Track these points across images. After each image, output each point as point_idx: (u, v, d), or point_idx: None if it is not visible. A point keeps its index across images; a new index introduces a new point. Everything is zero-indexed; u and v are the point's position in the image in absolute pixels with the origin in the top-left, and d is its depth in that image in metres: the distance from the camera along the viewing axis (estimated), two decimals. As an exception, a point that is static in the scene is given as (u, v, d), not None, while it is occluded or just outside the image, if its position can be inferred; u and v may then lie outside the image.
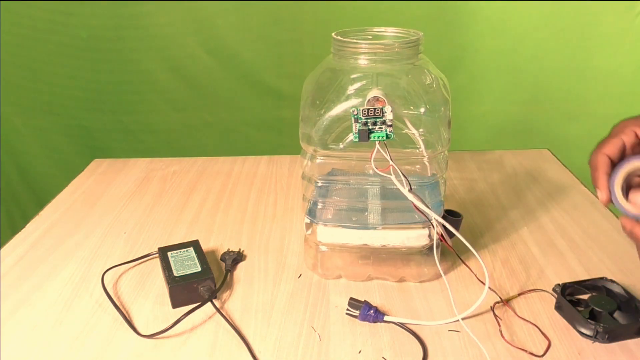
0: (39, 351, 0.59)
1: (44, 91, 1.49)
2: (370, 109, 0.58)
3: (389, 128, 0.59)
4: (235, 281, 0.70)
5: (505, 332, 0.59)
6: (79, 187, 0.98)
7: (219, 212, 0.88)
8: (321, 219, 0.68)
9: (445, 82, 0.65)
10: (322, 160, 0.66)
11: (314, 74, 0.67)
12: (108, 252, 0.78)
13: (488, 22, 1.37)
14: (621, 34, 1.37)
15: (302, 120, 0.66)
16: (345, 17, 1.35)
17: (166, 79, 1.46)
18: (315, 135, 0.64)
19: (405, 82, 0.64)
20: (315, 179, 0.68)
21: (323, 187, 0.68)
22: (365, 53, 0.62)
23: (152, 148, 1.54)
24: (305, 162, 0.68)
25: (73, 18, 1.39)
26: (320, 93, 0.64)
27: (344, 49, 0.63)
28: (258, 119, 1.50)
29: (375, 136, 0.59)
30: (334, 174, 0.68)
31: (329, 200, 0.68)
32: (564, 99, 1.44)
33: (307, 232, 0.70)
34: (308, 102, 0.65)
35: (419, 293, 0.67)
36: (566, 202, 0.87)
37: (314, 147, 0.65)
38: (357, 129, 0.59)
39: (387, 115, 0.58)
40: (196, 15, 1.38)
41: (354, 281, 0.69)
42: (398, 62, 0.63)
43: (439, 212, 0.66)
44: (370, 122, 0.59)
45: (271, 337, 0.60)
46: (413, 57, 0.63)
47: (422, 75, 0.64)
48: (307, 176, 0.69)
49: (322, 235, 0.68)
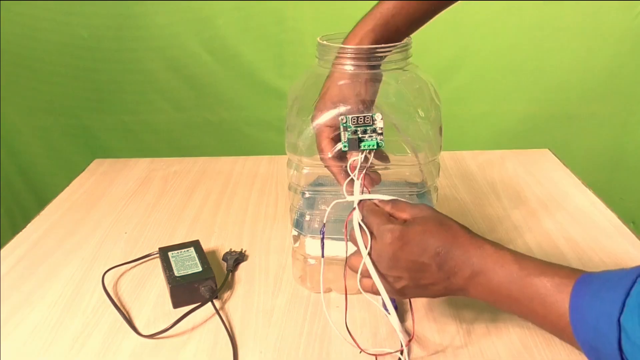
0: (39, 351, 0.59)
1: (44, 91, 1.49)
2: (360, 116, 0.56)
3: (380, 136, 0.56)
4: (236, 281, 0.70)
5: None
6: (79, 187, 0.98)
7: (220, 212, 0.88)
8: (309, 231, 0.66)
9: (436, 87, 0.63)
10: (308, 171, 0.64)
11: (299, 81, 0.65)
12: (109, 252, 0.78)
13: (488, 22, 1.37)
14: (621, 34, 1.37)
15: (287, 128, 0.63)
16: (345, 17, 1.34)
17: (167, 79, 1.46)
18: (302, 144, 0.61)
19: (394, 88, 0.62)
20: (302, 189, 0.65)
21: (310, 198, 0.66)
22: (352, 58, 0.58)
23: (153, 148, 1.55)
24: (291, 172, 0.66)
25: (74, 18, 1.39)
26: (305, 100, 0.62)
27: (329, 54, 0.60)
28: (259, 118, 1.50)
29: (366, 145, 0.56)
30: (320, 183, 0.65)
31: (316, 212, 0.65)
32: (564, 99, 1.44)
33: (294, 245, 0.69)
34: (293, 110, 0.63)
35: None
36: (567, 202, 0.87)
37: (300, 157, 0.63)
38: (346, 138, 0.57)
39: (377, 123, 0.56)
40: (197, 15, 1.38)
41: (341, 294, 0.67)
42: (386, 67, 0.59)
43: None
44: (360, 130, 0.56)
45: (272, 337, 0.60)
46: (402, 62, 0.60)
47: (412, 81, 0.62)
48: (293, 187, 0.67)
49: (310, 248, 0.66)
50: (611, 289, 0.43)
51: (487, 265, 0.50)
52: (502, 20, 1.37)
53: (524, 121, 1.47)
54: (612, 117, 1.46)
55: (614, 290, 0.42)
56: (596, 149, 1.47)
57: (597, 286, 0.44)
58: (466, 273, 0.50)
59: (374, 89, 0.59)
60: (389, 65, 0.59)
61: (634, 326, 0.40)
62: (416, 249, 0.51)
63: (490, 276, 0.50)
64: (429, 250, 0.51)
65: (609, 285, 0.44)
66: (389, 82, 0.61)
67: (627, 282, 0.41)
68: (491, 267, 0.50)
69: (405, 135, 0.61)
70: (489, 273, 0.50)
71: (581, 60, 1.40)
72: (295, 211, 0.68)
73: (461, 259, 0.51)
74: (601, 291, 0.44)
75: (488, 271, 0.50)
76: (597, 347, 0.43)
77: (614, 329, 0.41)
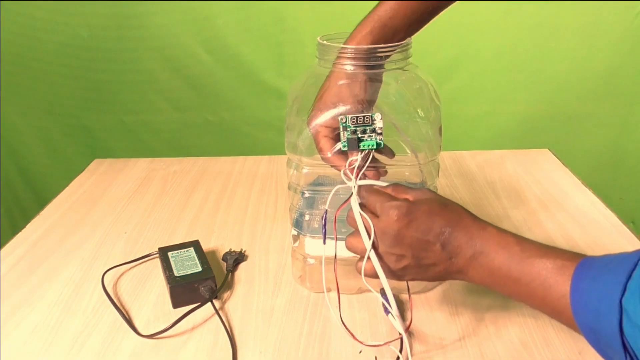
0: (39, 351, 0.59)
1: (44, 91, 1.49)
2: (360, 116, 0.56)
3: (379, 136, 0.57)
4: (236, 281, 0.70)
5: (505, 332, 0.60)
6: (79, 187, 0.98)
7: (220, 212, 0.88)
8: (308, 231, 0.66)
9: (435, 87, 0.63)
10: (308, 170, 0.64)
11: (299, 81, 0.65)
12: (108, 252, 0.78)
13: (488, 22, 1.37)
14: (621, 34, 1.37)
15: (287, 128, 0.64)
16: (345, 17, 1.34)
17: (167, 79, 1.46)
18: (302, 144, 0.62)
19: (394, 88, 0.62)
20: (302, 189, 0.66)
21: (310, 197, 0.66)
22: (351, 58, 0.59)
23: (153, 148, 1.55)
24: (290, 172, 0.66)
25: (74, 18, 1.39)
26: (305, 100, 0.62)
27: (329, 54, 0.60)
28: (259, 118, 1.50)
29: (365, 144, 0.57)
30: (320, 182, 0.65)
31: (316, 212, 0.65)
32: (564, 99, 1.44)
33: (294, 245, 0.69)
34: (293, 109, 0.63)
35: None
36: (566, 202, 0.87)
37: (300, 157, 0.63)
38: (345, 138, 0.57)
39: (376, 123, 0.56)
40: (197, 15, 1.38)
41: (343, 294, 0.66)
42: (386, 67, 0.59)
43: None
44: (360, 130, 0.56)
45: (272, 337, 0.60)
46: (402, 62, 0.60)
47: (412, 81, 0.62)
48: (292, 186, 0.67)
49: (310, 247, 0.66)
50: (612, 272, 0.43)
51: (490, 246, 0.50)
52: (502, 20, 1.37)
53: (523, 121, 1.47)
54: (612, 118, 1.46)
55: (616, 273, 0.42)
56: (596, 149, 1.47)
57: (599, 269, 0.44)
58: (468, 254, 0.51)
59: (373, 89, 0.59)
60: (389, 65, 0.59)
61: (635, 308, 0.39)
62: (422, 226, 0.51)
63: (491, 257, 0.50)
64: (435, 229, 0.51)
65: (610, 267, 0.44)
66: (388, 82, 0.61)
67: (628, 264, 0.41)
68: (494, 248, 0.50)
69: (405, 135, 0.61)
70: (490, 254, 0.50)
71: (581, 60, 1.40)
72: (294, 211, 0.68)
73: (464, 239, 0.51)
74: (602, 274, 0.43)
75: (490, 252, 0.50)
76: (597, 329, 0.43)
77: (615, 311, 0.41)
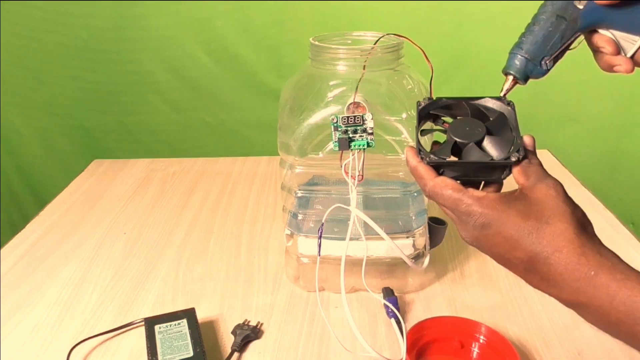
0: (39, 351, 0.59)
1: (44, 91, 1.49)
2: (351, 116, 0.56)
3: (370, 136, 0.56)
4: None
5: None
6: (79, 188, 0.98)
7: (219, 213, 0.88)
8: (302, 231, 0.66)
9: (427, 87, 0.62)
10: (301, 170, 0.64)
11: (292, 81, 0.65)
12: (108, 253, 0.78)
13: (488, 22, 1.37)
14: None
15: (280, 128, 0.64)
16: (345, 17, 1.35)
17: (166, 80, 1.46)
18: (294, 144, 0.62)
19: (386, 88, 0.62)
20: (295, 189, 0.66)
21: (303, 197, 0.66)
22: (344, 59, 0.59)
23: (152, 149, 1.54)
24: (284, 172, 0.66)
25: (73, 18, 1.39)
26: (298, 100, 0.62)
27: (321, 55, 0.60)
28: (258, 119, 1.50)
29: (356, 144, 0.56)
30: (315, 182, 0.65)
31: (310, 211, 0.66)
32: (564, 99, 1.44)
33: (287, 244, 0.69)
34: (286, 110, 0.63)
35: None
36: (566, 203, 0.87)
37: (293, 157, 0.63)
38: (337, 137, 0.56)
39: (367, 123, 0.56)
40: (196, 16, 1.38)
41: (336, 294, 0.67)
42: (378, 67, 0.60)
43: (422, 221, 0.65)
44: (351, 130, 0.56)
45: (271, 337, 0.60)
46: (393, 63, 0.61)
47: (404, 81, 0.62)
48: (286, 186, 0.67)
49: (304, 247, 0.66)
50: None
51: (598, 299, 0.41)
52: (502, 20, 1.37)
53: (523, 121, 1.47)
54: (612, 118, 1.45)
55: None
56: (595, 149, 1.47)
57: None
58: (565, 295, 0.42)
59: None
60: (381, 66, 0.59)
61: None
62: (500, 249, 0.44)
63: (596, 307, 0.42)
64: (516, 254, 0.43)
65: None
66: (380, 82, 0.61)
67: None
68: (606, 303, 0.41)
69: (397, 134, 0.60)
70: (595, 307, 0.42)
71: (581, 61, 1.40)
72: (288, 210, 0.68)
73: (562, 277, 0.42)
74: None
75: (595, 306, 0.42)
76: None
77: None
